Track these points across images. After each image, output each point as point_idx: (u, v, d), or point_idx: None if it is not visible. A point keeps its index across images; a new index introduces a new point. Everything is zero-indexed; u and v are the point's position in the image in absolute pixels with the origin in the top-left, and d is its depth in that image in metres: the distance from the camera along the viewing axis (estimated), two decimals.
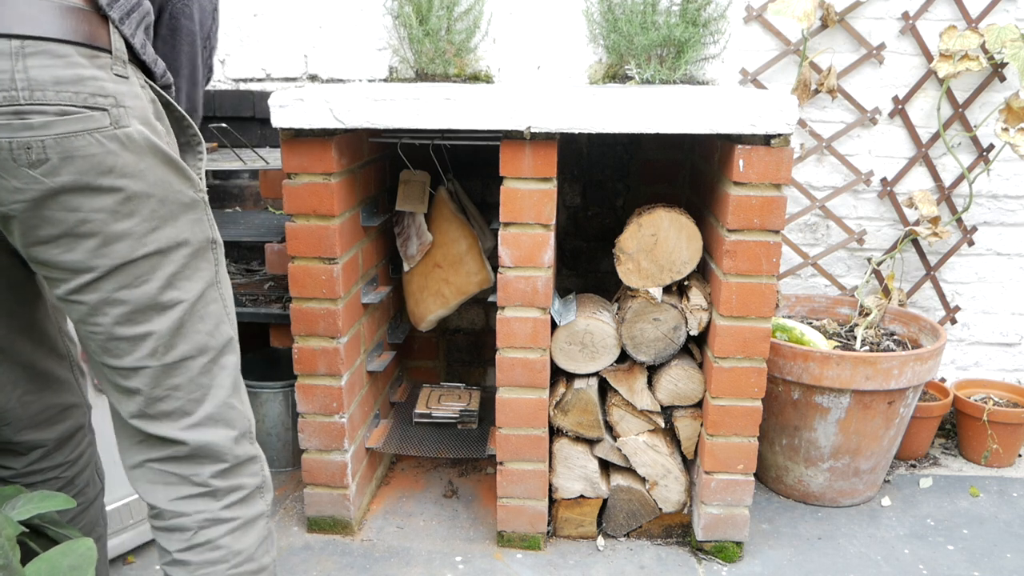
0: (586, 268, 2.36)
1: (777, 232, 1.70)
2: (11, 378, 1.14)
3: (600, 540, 1.98)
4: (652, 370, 1.90)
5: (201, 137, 1.06)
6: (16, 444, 1.18)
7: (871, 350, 2.18)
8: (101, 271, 0.95)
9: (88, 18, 0.91)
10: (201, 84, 1.17)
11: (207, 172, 1.17)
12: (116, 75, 0.92)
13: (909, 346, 2.24)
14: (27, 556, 1.02)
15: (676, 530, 1.98)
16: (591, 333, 1.84)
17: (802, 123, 2.36)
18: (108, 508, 1.61)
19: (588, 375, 1.91)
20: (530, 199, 1.70)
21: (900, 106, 2.33)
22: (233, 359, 1.09)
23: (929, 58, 2.29)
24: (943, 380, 2.54)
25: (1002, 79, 2.30)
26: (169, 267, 0.99)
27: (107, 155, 0.91)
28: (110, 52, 0.92)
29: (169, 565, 1.06)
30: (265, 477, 1.12)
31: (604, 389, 1.95)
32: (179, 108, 1.03)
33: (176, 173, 0.98)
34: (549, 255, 1.74)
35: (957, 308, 2.48)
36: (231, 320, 1.09)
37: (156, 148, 0.95)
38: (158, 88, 1.00)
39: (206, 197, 1.03)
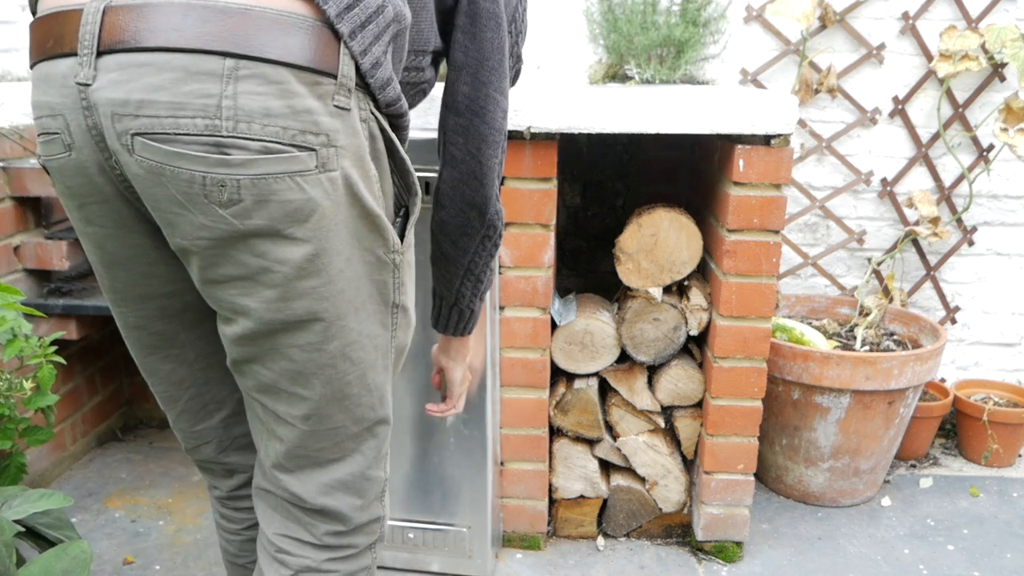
0: (586, 268, 2.36)
1: (777, 232, 1.70)
2: (216, 398, 1.08)
3: (600, 540, 1.97)
4: (652, 370, 1.90)
5: (418, 188, 0.93)
6: (221, 464, 1.13)
7: (871, 350, 2.18)
8: (275, 324, 0.85)
9: (316, 34, 0.76)
10: (509, 77, 1.06)
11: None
12: (336, 107, 0.79)
13: (909, 346, 2.23)
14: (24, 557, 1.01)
15: (676, 530, 1.98)
16: (591, 333, 1.84)
17: (802, 123, 2.36)
18: None
19: (588, 375, 1.91)
20: (530, 199, 1.70)
21: (900, 106, 2.33)
22: (385, 429, 0.99)
23: (929, 58, 2.29)
24: (943, 380, 2.54)
25: (1002, 79, 2.30)
26: (345, 336, 0.88)
27: (306, 203, 0.78)
28: (335, 77, 0.78)
29: None
30: (382, 532, 1.04)
31: (604, 389, 1.95)
32: (401, 151, 0.89)
33: (371, 228, 0.85)
34: (549, 255, 1.74)
35: (957, 308, 2.48)
36: (389, 388, 0.99)
37: (357, 198, 0.82)
38: (383, 122, 0.85)
39: (400, 259, 0.90)
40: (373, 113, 0.84)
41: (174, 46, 0.73)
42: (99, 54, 0.75)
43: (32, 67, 0.82)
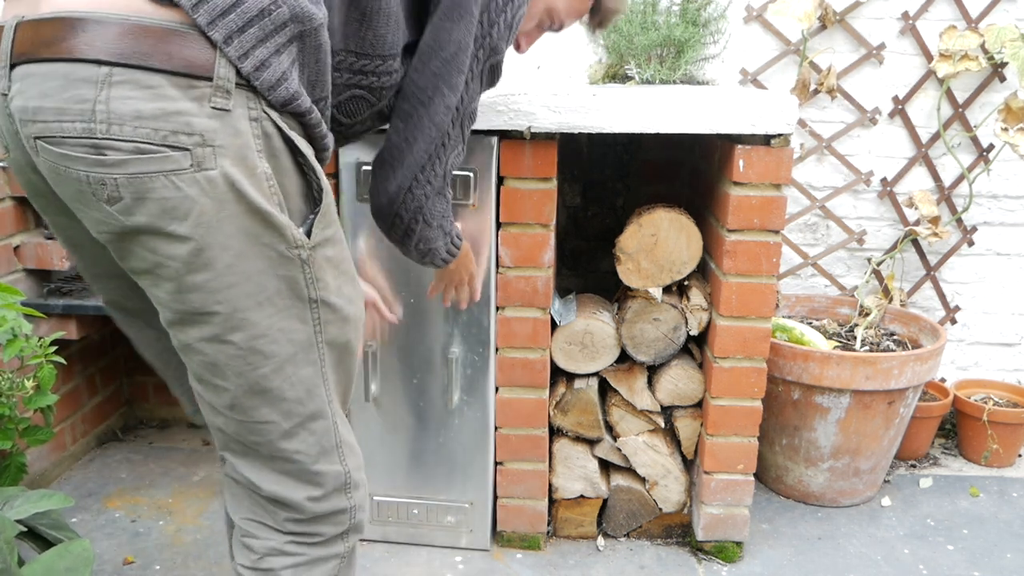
0: (586, 268, 2.36)
1: (777, 232, 1.70)
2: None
3: (600, 540, 1.97)
4: (652, 370, 1.90)
5: (324, 185, 0.92)
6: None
7: (871, 350, 2.18)
8: (182, 315, 0.89)
9: (188, 40, 0.80)
10: (467, 74, 1.05)
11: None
12: (214, 108, 0.81)
13: (909, 346, 2.24)
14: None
15: (676, 530, 1.98)
16: (591, 333, 1.84)
17: (802, 123, 2.36)
18: None
19: (588, 375, 1.91)
20: (530, 199, 1.70)
21: (900, 106, 2.33)
22: (323, 424, 0.99)
23: (929, 58, 2.29)
24: (943, 380, 2.54)
25: (1002, 79, 2.30)
26: (248, 328, 0.89)
27: (183, 200, 0.82)
28: (211, 80, 0.81)
29: (236, 569, 1.05)
30: (354, 523, 1.05)
31: (604, 389, 1.95)
32: (301, 146, 0.90)
33: (264, 225, 0.86)
34: (549, 255, 1.74)
35: (957, 308, 2.48)
36: (336, 383, 1.00)
37: (242, 195, 0.84)
38: (279, 121, 0.87)
39: (308, 254, 0.90)
40: (266, 112, 0.86)
41: (58, 56, 0.80)
42: (11, 66, 0.83)
43: None
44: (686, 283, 1.88)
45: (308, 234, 0.90)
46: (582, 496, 1.94)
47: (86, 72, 0.79)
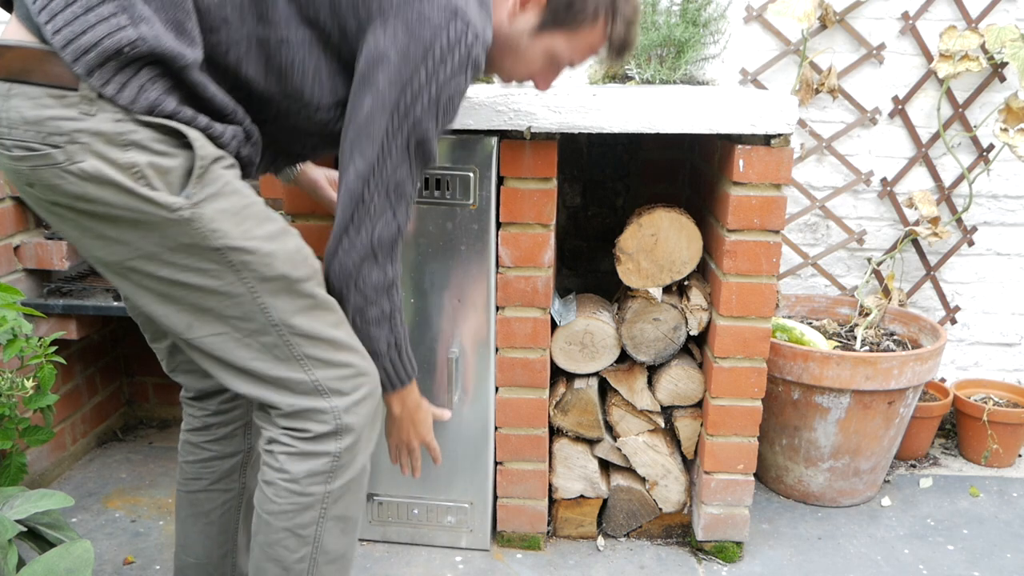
0: (586, 268, 2.36)
1: (777, 232, 1.70)
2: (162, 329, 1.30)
3: (600, 540, 1.97)
4: (652, 370, 1.90)
5: (203, 155, 1.05)
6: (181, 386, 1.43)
7: (871, 350, 2.18)
8: (113, 268, 1.10)
9: (55, 61, 0.98)
10: (384, 148, 1.12)
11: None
12: (82, 112, 0.99)
13: (909, 346, 2.24)
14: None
15: (676, 530, 1.98)
16: (591, 333, 1.84)
17: (802, 123, 2.36)
18: None
19: (588, 375, 1.91)
20: (530, 199, 1.70)
21: (900, 106, 2.33)
22: (270, 339, 1.15)
23: (929, 58, 2.29)
24: (943, 380, 2.54)
25: (1002, 79, 2.30)
26: (163, 271, 1.09)
27: (70, 185, 1.01)
28: (77, 90, 0.99)
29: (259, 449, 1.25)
30: (341, 425, 1.19)
31: (604, 389, 1.95)
32: (181, 132, 1.05)
33: (139, 199, 1.03)
34: (549, 255, 1.74)
35: (957, 308, 2.48)
36: (287, 308, 1.14)
37: (109, 181, 1.01)
38: (146, 119, 1.03)
39: (192, 212, 1.05)
40: (129, 115, 1.02)
41: None
42: None
43: None
44: (686, 283, 1.88)
45: (187, 196, 1.05)
46: (582, 496, 1.94)
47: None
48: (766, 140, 1.65)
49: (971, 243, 2.43)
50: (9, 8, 1.09)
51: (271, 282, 1.12)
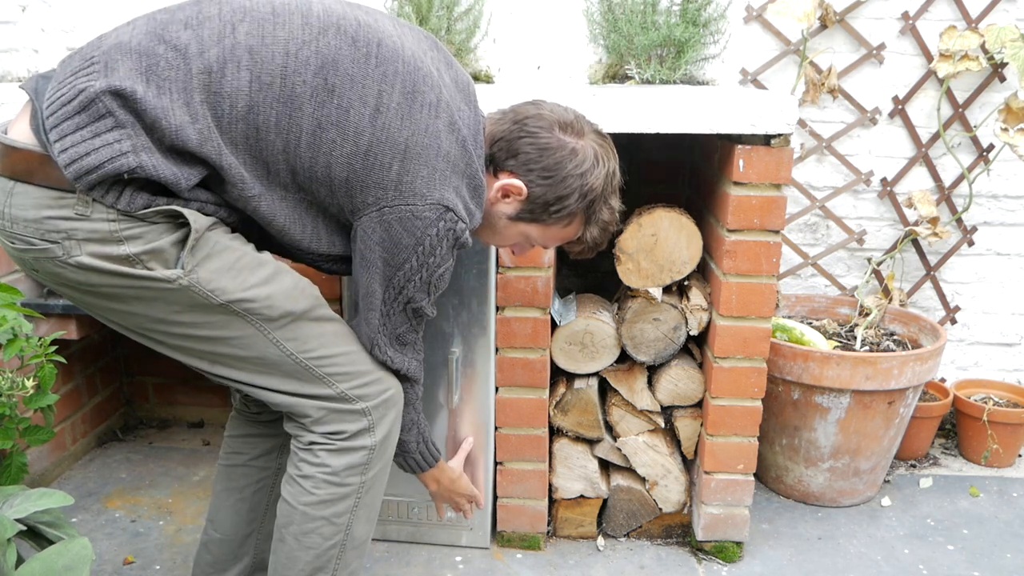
0: (586, 268, 2.36)
1: (777, 232, 1.70)
2: None
3: (600, 540, 1.97)
4: (652, 370, 1.90)
5: (194, 228, 1.12)
6: None
7: (871, 350, 2.18)
8: (127, 332, 1.23)
9: (53, 165, 1.06)
10: (383, 313, 1.27)
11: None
12: (77, 214, 1.08)
13: (909, 346, 2.24)
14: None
15: (676, 530, 1.98)
16: (591, 333, 1.84)
17: (802, 123, 2.36)
18: None
19: (588, 375, 1.91)
20: None
21: (900, 106, 2.33)
22: (292, 368, 1.25)
23: (929, 58, 2.29)
24: (943, 380, 2.54)
25: (1002, 79, 2.30)
26: (176, 329, 1.19)
27: (71, 273, 1.11)
28: (74, 194, 1.07)
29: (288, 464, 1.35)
30: (372, 421, 1.30)
31: (604, 389, 1.95)
32: (176, 213, 1.12)
33: (139, 279, 1.12)
34: (549, 255, 1.74)
35: (957, 308, 2.48)
36: (301, 337, 1.24)
37: (108, 271, 1.11)
38: (139, 213, 1.10)
39: (187, 280, 1.13)
40: (122, 214, 1.09)
41: None
42: None
43: None
44: (686, 283, 1.88)
45: (182, 266, 1.13)
46: (582, 496, 1.94)
47: (2, 185, 1.10)
48: (766, 140, 1.65)
49: (971, 243, 2.43)
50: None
51: (277, 320, 1.21)
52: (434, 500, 1.66)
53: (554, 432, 1.91)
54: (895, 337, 2.30)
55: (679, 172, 2.30)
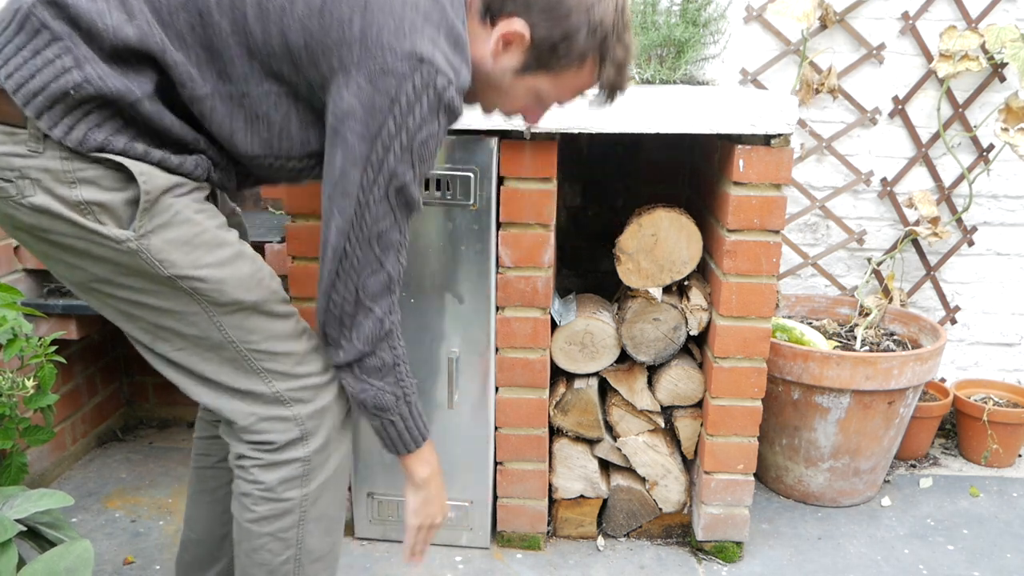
0: (586, 268, 2.36)
1: (777, 232, 1.70)
2: None
3: (600, 540, 1.97)
4: (652, 370, 1.90)
5: (146, 190, 1.07)
6: None
7: (871, 350, 2.18)
8: (74, 288, 1.17)
9: (7, 99, 1.01)
10: (361, 200, 1.10)
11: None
12: (30, 150, 1.02)
13: (909, 346, 2.24)
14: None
15: (676, 530, 1.98)
16: (591, 333, 1.84)
17: (802, 123, 2.36)
18: None
19: (588, 375, 1.91)
20: (530, 199, 1.70)
21: (900, 106, 2.33)
22: (230, 354, 1.18)
23: (929, 58, 2.29)
24: (943, 380, 2.54)
25: (1002, 79, 2.30)
26: (120, 293, 1.13)
27: (24, 216, 1.06)
28: (26, 128, 1.02)
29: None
30: (305, 430, 1.21)
31: (604, 389, 1.95)
32: (127, 167, 1.06)
33: (88, 232, 1.07)
34: (549, 255, 1.74)
35: (957, 308, 2.48)
36: (245, 327, 1.17)
37: (59, 215, 1.05)
38: (94, 155, 1.04)
39: (139, 243, 1.07)
40: (76, 153, 1.03)
41: None
42: None
43: None
44: (686, 283, 1.88)
45: (134, 229, 1.07)
46: (582, 496, 1.94)
47: None
48: (766, 140, 1.65)
49: (971, 243, 2.43)
50: None
51: (225, 306, 1.15)
52: (412, 515, 1.33)
53: (554, 432, 1.91)
54: (895, 337, 2.30)
55: (679, 172, 2.30)
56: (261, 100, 1.11)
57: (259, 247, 2.43)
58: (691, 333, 1.83)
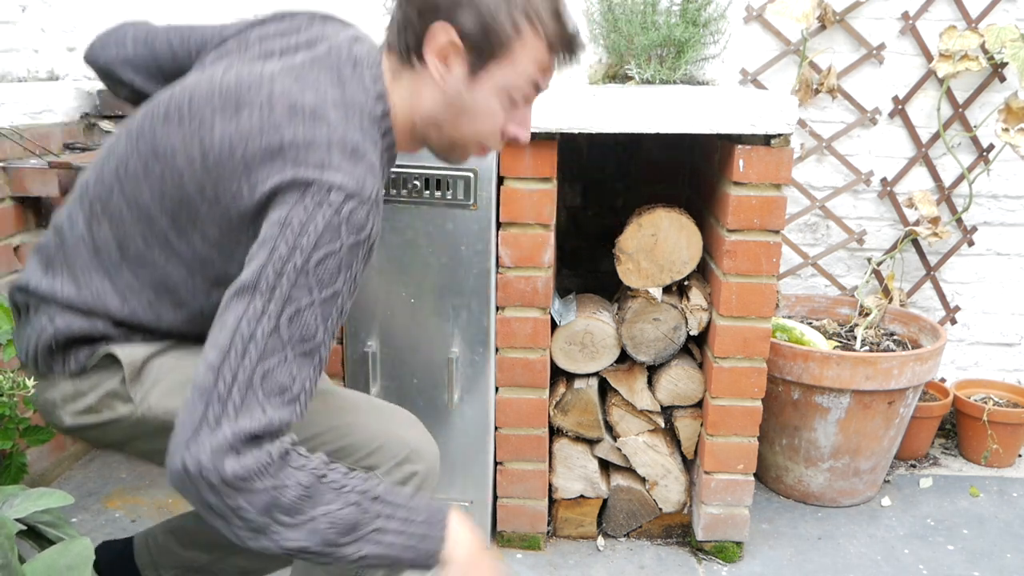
0: (586, 268, 2.36)
1: (777, 232, 1.70)
2: None
3: (600, 540, 1.98)
4: (652, 370, 1.90)
5: (126, 369, 1.13)
6: None
7: (871, 350, 2.18)
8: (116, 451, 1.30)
9: (30, 366, 1.21)
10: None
11: None
12: (52, 388, 1.20)
13: (909, 346, 2.24)
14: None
15: (676, 530, 1.98)
16: (591, 333, 1.84)
17: (802, 123, 2.36)
18: None
19: (588, 375, 1.91)
20: (530, 199, 1.70)
21: (900, 106, 2.33)
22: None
23: (929, 58, 2.29)
24: (943, 380, 2.54)
25: (1002, 79, 2.30)
26: (149, 444, 1.18)
27: (75, 432, 1.21)
28: (47, 377, 1.21)
29: None
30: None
31: (604, 389, 1.95)
32: (103, 369, 1.16)
33: (110, 422, 1.17)
34: (549, 255, 1.74)
35: (957, 308, 2.48)
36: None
37: (86, 425, 1.17)
38: (85, 369, 1.17)
39: (141, 411, 1.14)
40: (75, 374, 1.16)
41: None
42: None
43: None
44: (686, 283, 1.88)
45: (132, 399, 1.14)
46: (582, 496, 1.94)
47: None
48: (766, 140, 1.65)
49: (971, 243, 2.43)
50: None
51: (152, 421, 1.20)
52: None
53: (554, 432, 1.91)
54: (895, 337, 2.30)
55: (679, 172, 2.30)
56: (172, 272, 1.11)
57: None
58: (691, 333, 1.83)
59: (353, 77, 1.08)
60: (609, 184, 2.34)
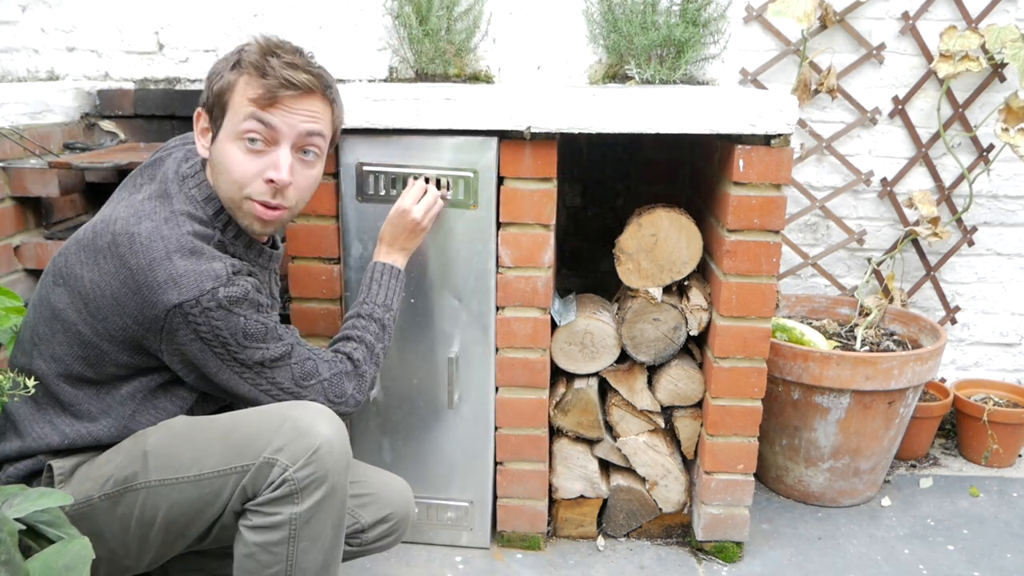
0: (586, 268, 2.36)
1: (777, 232, 1.70)
2: None
3: (600, 540, 1.97)
4: (652, 370, 1.90)
5: (66, 469, 1.28)
6: None
7: (871, 350, 2.18)
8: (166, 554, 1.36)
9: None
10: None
11: None
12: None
13: (909, 346, 2.24)
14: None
15: (676, 530, 1.98)
16: (591, 333, 1.84)
17: (802, 123, 2.36)
18: None
19: (588, 375, 1.91)
20: (530, 199, 1.70)
21: (900, 106, 2.33)
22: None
23: (929, 58, 2.29)
24: (943, 380, 2.54)
25: (1002, 79, 2.30)
26: (144, 530, 1.28)
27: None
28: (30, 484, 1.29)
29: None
30: (297, 487, 1.28)
31: (604, 389, 1.95)
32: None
33: (92, 518, 1.26)
34: (549, 255, 1.74)
35: (957, 308, 2.48)
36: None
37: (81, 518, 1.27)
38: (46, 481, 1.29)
39: (71, 508, 1.21)
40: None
41: None
42: None
43: None
44: (686, 283, 1.88)
45: (75, 501, 1.25)
46: (582, 496, 1.94)
47: None
48: (766, 140, 1.65)
49: (971, 243, 2.43)
50: None
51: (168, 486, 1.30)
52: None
53: (554, 432, 1.91)
54: (895, 337, 2.30)
55: (679, 172, 2.30)
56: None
57: None
58: (691, 333, 1.83)
59: (179, 193, 1.28)
60: (609, 184, 2.34)
